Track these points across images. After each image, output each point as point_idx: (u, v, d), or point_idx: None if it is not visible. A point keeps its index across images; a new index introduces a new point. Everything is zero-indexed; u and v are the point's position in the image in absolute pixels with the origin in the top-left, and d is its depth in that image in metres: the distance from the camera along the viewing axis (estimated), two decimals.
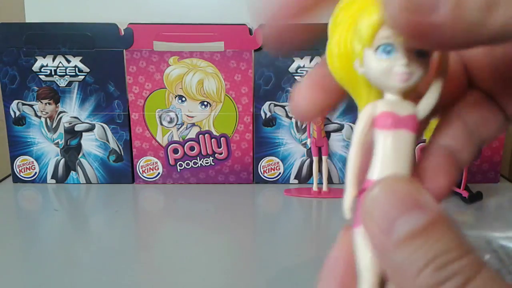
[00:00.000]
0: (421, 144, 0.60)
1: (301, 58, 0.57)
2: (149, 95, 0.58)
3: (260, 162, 0.60)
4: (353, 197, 0.16)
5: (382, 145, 0.15)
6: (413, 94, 0.16)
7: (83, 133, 0.59)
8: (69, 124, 0.59)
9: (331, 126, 0.59)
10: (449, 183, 0.15)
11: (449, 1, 0.11)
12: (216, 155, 0.60)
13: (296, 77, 0.57)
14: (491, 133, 0.17)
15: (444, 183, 0.15)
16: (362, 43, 0.15)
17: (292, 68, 0.57)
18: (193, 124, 0.59)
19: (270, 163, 0.60)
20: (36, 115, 0.59)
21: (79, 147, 0.60)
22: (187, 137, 0.59)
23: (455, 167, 0.16)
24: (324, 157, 0.57)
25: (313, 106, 0.17)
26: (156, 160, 0.60)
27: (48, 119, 0.59)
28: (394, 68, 0.15)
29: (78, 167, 0.60)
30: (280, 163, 0.60)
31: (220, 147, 0.60)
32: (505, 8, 0.11)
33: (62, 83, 0.58)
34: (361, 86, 0.16)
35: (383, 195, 0.14)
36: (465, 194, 0.52)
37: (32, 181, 0.61)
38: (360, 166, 0.16)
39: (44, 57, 0.57)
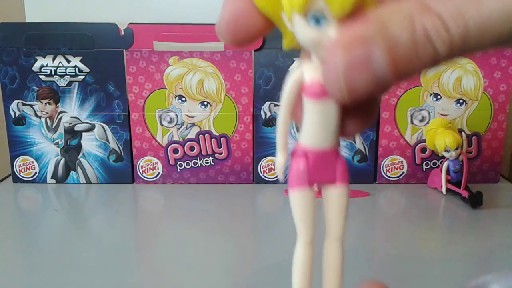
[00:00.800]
0: (420, 144, 0.60)
1: None
2: (149, 95, 0.58)
3: (260, 162, 0.60)
4: (284, 161, 0.17)
5: (310, 113, 0.16)
6: None
7: (83, 133, 0.59)
8: (69, 124, 0.59)
9: None
10: None
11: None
12: (216, 155, 0.60)
13: None
14: None
15: None
16: (293, 7, 0.14)
17: (292, 68, 0.57)
18: (193, 124, 0.59)
19: (270, 163, 0.60)
20: (36, 115, 0.59)
21: (79, 147, 0.60)
22: (187, 137, 0.59)
23: None
24: None
25: (249, 21, 0.15)
26: (156, 160, 0.60)
27: (48, 119, 0.59)
28: (324, 41, 0.14)
29: (78, 167, 0.60)
30: None
31: (220, 147, 0.60)
32: None
33: (62, 83, 0.58)
34: (286, 27, 0.15)
35: None
36: (465, 194, 0.52)
37: (32, 181, 0.61)
38: (288, 130, 0.17)
39: (44, 57, 0.57)
